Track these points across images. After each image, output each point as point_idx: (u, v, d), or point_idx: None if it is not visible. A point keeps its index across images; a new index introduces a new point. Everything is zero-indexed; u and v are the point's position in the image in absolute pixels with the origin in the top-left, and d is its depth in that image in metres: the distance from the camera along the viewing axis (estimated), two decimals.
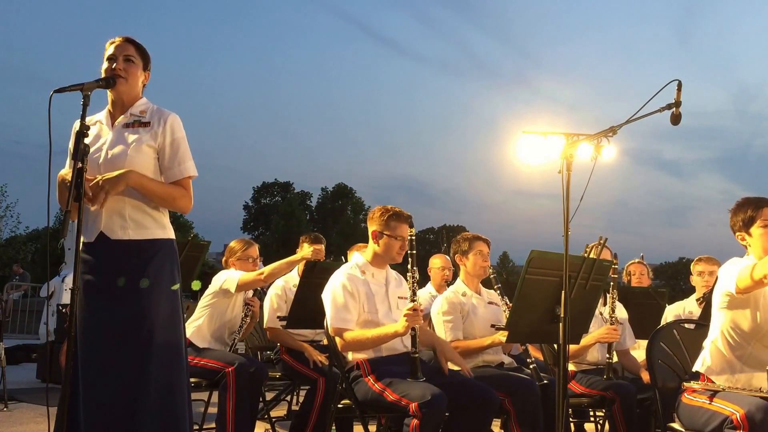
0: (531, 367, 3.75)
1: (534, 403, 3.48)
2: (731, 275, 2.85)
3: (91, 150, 2.71)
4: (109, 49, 2.75)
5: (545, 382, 3.66)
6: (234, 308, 4.38)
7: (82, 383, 2.59)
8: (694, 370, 3.04)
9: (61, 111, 2.74)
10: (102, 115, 2.81)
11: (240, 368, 3.91)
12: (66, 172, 2.74)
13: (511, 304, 3.72)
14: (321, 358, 4.41)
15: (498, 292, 3.95)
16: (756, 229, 2.92)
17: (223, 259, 4.61)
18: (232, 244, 4.61)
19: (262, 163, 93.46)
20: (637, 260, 5.38)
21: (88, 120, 2.84)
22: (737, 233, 3.00)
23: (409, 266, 3.40)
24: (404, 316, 3.23)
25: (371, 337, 3.33)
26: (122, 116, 2.76)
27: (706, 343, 3.03)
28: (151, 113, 2.76)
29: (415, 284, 3.35)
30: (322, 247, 4.86)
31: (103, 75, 2.72)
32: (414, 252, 3.40)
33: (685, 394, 2.96)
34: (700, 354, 3.05)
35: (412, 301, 3.29)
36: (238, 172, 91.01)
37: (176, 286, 2.70)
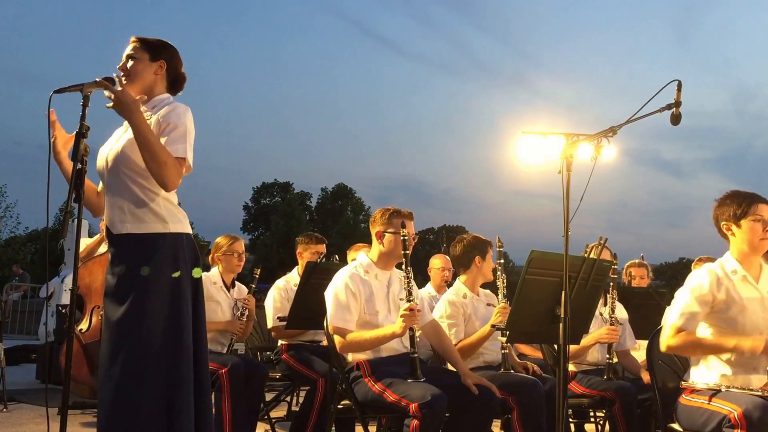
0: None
1: (538, 402, 3.48)
2: (671, 314, 2.99)
3: (105, 147, 2.76)
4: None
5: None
6: (222, 310, 4.37)
7: (99, 382, 2.60)
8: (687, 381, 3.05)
9: (60, 111, 2.75)
10: None
11: (233, 369, 3.91)
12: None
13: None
14: None
15: (503, 293, 3.91)
16: (747, 222, 2.95)
17: (209, 256, 4.58)
18: (218, 239, 4.59)
19: (262, 164, 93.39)
20: (637, 261, 5.38)
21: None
22: (724, 223, 3.02)
23: (403, 266, 3.40)
24: (401, 316, 3.23)
25: (369, 338, 3.33)
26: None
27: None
28: (159, 107, 2.71)
29: (410, 284, 3.34)
30: (323, 247, 4.89)
31: None
32: (408, 252, 3.40)
33: (684, 395, 2.96)
34: (690, 366, 3.06)
35: (408, 301, 3.28)
36: (238, 172, 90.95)
37: (177, 274, 2.63)
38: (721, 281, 2.95)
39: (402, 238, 3.40)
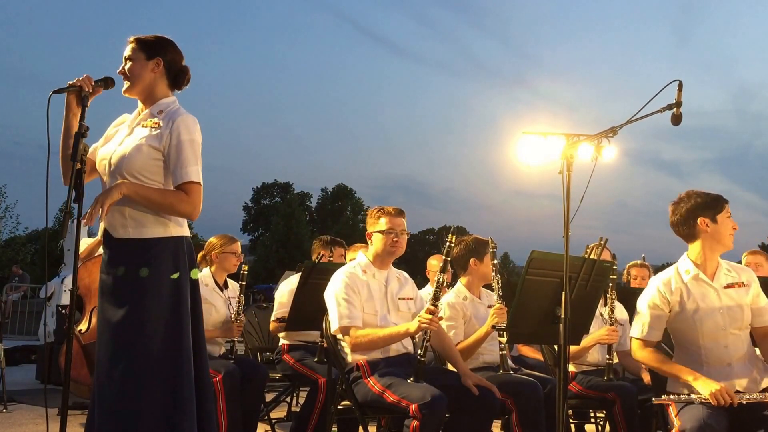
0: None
1: (536, 404, 3.47)
2: (633, 327, 3.15)
3: (107, 148, 2.73)
4: None
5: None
6: (216, 310, 4.35)
7: (95, 385, 2.59)
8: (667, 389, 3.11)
9: (60, 111, 2.74)
10: (134, 113, 2.80)
11: (227, 376, 3.90)
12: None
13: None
14: None
15: (498, 294, 3.90)
16: (722, 218, 3.04)
17: (201, 253, 4.49)
18: (213, 239, 4.53)
19: (262, 164, 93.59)
20: (639, 262, 5.37)
21: (122, 118, 2.84)
22: (701, 218, 3.05)
23: (440, 270, 3.39)
24: (419, 317, 3.22)
25: (383, 336, 3.31)
26: (141, 116, 2.74)
27: None
28: (167, 114, 2.67)
29: (438, 290, 3.34)
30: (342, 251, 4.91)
31: None
32: (449, 259, 3.40)
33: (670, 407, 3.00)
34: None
35: (434, 305, 3.28)
36: (238, 172, 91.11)
37: (176, 275, 2.61)
38: (672, 283, 3.09)
39: (447, 244, 3.38)
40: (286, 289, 4.77)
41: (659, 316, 3.08)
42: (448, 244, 3.40)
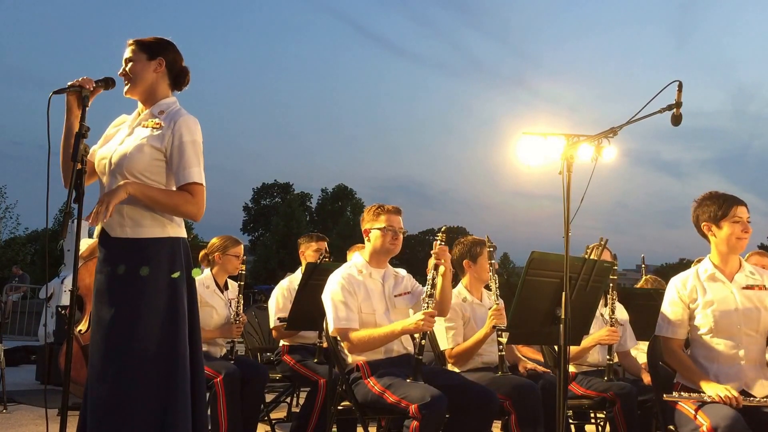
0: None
1: (535, 405, 3.47)
2: (658, 326, 3.19)
3: (107, 147, 2.73)
4: None
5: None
6: (217, 313, 4.35)
7: (87, 384, 2.58)
8: (675, 381, 3.13)
9: (60, 112, 2.74)
10: (133, 114, 2.80)
11: (227, 377, 3.90)
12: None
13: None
14: None
15: (496, 294, 3.89)
16: (726, 224, 3.06)
17: (203, 252, 4.48)
18: (215, 240, 4.53)
19: (262, 165, 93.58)
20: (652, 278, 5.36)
21: (121, 119, 2.84)
22: (704, 224, 3.12)
23: (432, 267, 3.42)
24: (421, 317, 3.22)
25: (380, 335, 3.30)
26: (141, 116, 2.74)
27: None
28: (169, 115, 2.68)
29: (433, 288, 3.38)
30: (324, 244, 4.90)
31: None
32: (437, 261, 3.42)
33: (680, 402, 2.99)
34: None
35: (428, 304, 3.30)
36: (238, 173, 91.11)
37: (177, 274, 2.62)
38: (689, 282, 3.13)
39: (438, 243, 3.40)
40: (278, 293, 4.80)
41: (679, 315, 3.13)
42: (439, 242, 3.41)
